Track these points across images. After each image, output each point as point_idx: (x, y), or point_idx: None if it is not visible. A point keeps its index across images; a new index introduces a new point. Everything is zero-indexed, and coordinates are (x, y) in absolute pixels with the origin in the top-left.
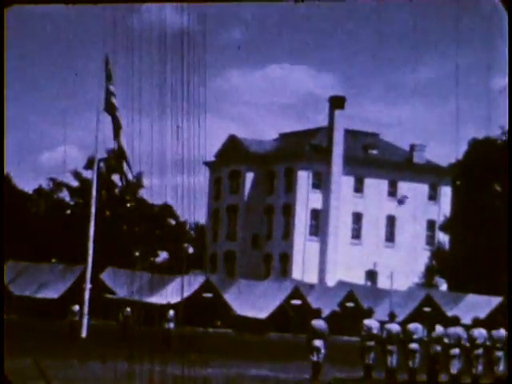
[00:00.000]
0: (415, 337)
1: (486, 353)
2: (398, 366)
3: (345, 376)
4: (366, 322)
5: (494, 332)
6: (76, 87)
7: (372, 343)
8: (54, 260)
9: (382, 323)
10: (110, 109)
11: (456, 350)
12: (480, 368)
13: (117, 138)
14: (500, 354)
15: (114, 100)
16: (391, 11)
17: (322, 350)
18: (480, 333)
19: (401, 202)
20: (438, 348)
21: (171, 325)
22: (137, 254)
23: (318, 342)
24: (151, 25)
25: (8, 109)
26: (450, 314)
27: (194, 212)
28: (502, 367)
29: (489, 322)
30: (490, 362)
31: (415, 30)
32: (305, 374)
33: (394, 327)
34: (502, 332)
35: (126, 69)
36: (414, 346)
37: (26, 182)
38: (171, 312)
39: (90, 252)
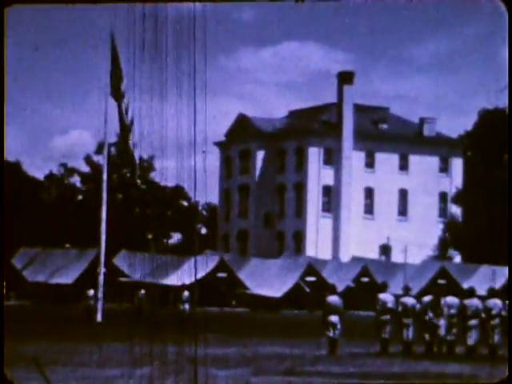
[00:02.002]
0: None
1: (502, 323)
2: (415, 338)
3: (361, 351)
4: (381, 296)
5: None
6: (83, 75)
7: (388, 317)
8: (67, 245)
9: (397, 297)
10: (116, 96)
11: (473, 321)
12: (497, 338)
13: (122, 127)
14: None
15: (121, 86)
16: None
17: (338, 326)
18: (495, 303)
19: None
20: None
21: (186, 306)
22: (149, 236)
23: (333, 318)
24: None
25: (17, 97)
26: (465, 285)
27: (206, 193)
28: None
29: (504, 292)
30: (506, 332)
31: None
32: (322, 351)
33: (410, 300)
34: None
35: (134, 49)
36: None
37: (37, 169)
38: (186, 293)
39: (103, 236)
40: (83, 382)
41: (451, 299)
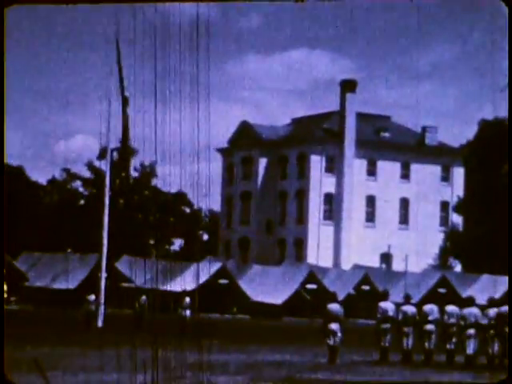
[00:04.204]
0: (431, 318)
1: (499, 331)
2: (414, 347)
3: (361, 359)
4: (382, 304)
5: (502, 308)
6: (86, 78)
7: (388, 325)
8: (69, 250)
9: (398, 305)
10: (123, 102)
11: (471, 331)
12: (496, 348)
13: (124, 133)
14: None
15: (125, 90)
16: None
17: (339, 334)
18: (495, 312)
19: None
20: (454, 329)
21: (187, 312)
22: (151, 242)
23: (334, 326)
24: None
25: (18, 99)
26: (464, 294)
27: (209, 199)
28: None
29: (504, 302)
30: (505, 342)
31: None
32: (321, 359)
33: (410, 309)
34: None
35: (138, 56)
36: (429, 327)
37: (40, 174)
38: (187, 299)
39: (105, 241)
40: None
41: (451, 308)
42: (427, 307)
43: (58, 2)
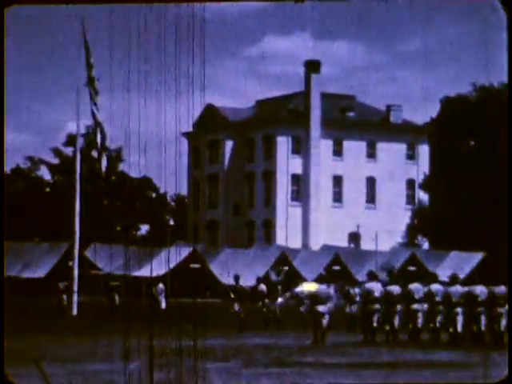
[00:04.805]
0: (416, 297)
1: (488, 310)
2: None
3: (346, 341)
4: (368, 285)
5: (496, 288)
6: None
7: (376, 306)
8: (36, 239)
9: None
10: (89, 82)
11: (459, 309)
12: (482, 325)
13: (94, 112)
14: (502, 310)
15: (92, 73)
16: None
17: (326, 316)
18: (481, 290)
19: None
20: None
21: (161, 297)
22: (118, 228)
23: (321, 308)
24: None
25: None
26: (435, 271)
27: (176, 183)
28: (503, 323)
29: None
30: (491, 319)
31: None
32: (305, 341)
33: (395, 289)
34: (503, 288)
35: (117, 46)
36: (416, 306)
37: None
38: (161, 285)
39: (77, 228)
40: (75, 376)
41: (435, 287)
42: (413, 286)
43: (58, 2)
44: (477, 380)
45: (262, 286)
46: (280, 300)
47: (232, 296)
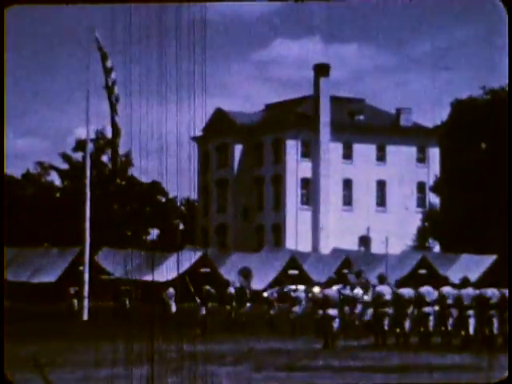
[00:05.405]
0: (427, 300)
1: (500, 312)
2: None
3: (356, 344)
4: (378, 288)
5: (508, 291)
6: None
7: (387, 309)
8: (46, 244)
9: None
10: (108, 89)
11: (470, 312)
12: (494, 328)
13: (113, 117)
14: None
15: (110, 79)
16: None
17: (337, 319)
18: (493, 293)
19: None
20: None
21: (171, 302)
22: (129, 233)
23: (332, 312)
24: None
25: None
26: (446, 274)
27: (190, 188)
28: None
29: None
30: (503, 322)
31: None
32: (315, 345)
33: (407, 292)
34: None
35: (124, 50)
36: (427, 309)
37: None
38: (171, 289)
39: (87, 233)
40: (85, 382)
41: (447, 290)
42: (423, 289)
43: (58, 2)
44: (482, 381)
45: (231, 289)
46: (269, 292)
47: (198, 300)
